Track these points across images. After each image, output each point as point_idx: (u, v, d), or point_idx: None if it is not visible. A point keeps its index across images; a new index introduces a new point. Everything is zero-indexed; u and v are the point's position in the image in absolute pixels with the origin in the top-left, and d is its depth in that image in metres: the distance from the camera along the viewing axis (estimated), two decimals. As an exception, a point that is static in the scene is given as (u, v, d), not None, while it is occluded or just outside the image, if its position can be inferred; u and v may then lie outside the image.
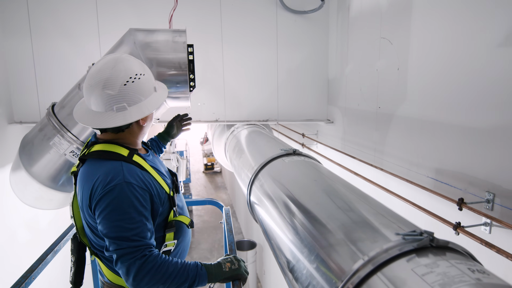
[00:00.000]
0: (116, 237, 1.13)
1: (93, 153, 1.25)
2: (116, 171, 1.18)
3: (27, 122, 2.56)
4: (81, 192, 1.24)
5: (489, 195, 1.35)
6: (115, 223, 1.13)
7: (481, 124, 1.38)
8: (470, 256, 0.78)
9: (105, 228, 1.14)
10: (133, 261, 1.11)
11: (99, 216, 1.16)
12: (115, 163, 1.22)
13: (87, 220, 1.27)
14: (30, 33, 2.50)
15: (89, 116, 1.23)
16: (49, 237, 2.98)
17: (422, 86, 1.72)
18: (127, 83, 1.21)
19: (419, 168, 1.77)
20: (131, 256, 1.12)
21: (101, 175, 1.18)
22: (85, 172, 1.24)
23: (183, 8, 2.46)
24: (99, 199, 1.15)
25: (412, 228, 0.87)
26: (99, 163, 1.23)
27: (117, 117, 1.21)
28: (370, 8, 2.18)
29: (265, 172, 1.69)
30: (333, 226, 1.02)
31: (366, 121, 2.30)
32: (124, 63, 1.23)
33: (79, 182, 1.26)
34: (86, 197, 1.20)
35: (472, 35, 1.39)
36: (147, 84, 1.28)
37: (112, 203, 1.14)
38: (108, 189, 1.15)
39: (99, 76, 1.20)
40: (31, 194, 1.83)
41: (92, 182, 1.18)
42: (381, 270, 0.76)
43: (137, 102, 1.24)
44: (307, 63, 2.88)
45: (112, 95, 1.19)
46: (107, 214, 1.14)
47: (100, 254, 1.33)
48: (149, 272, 1.12)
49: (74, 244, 1.39)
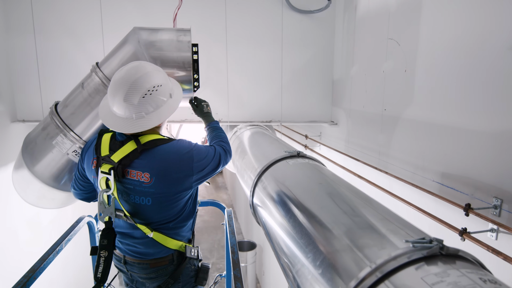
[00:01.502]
0: (216, 157, 1.58)
1: (150, 143, 1.45)
2: (186, 142, 1.53)
3: (30, 120, 2.55)
4: (163, 170, 1.44)
5: (497, 201, 1.32)
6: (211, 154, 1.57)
7: (489, 128, 1.36)
8: (480, 265, 0.76)
9: (210, 162, 1.55)
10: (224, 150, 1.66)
11: (204, 161, 1.52)
12: (174, 142, 1.50)
13: (164, 194, 1.47)
14: (34, 32, 2.49)
15: (113, 119, 1.43)
16: (50, 236, 2.98)
17: (429, 88, 1.70)
18: (145, 95, 1.39)
19: (424, 172, 1.75)
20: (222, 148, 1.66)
21: (181, 148, 1.48)
22: (160, 155, 1.45)
23: (187, 7, 2.45)
24: (198, 159, 1.50)
25: (421, 235, 0.85)
26: (166, 146, 1.46)
27: (136, 124, 1.41)
28: (377, 8, 2.15)
29: (268, 174, 1.68)
30: (338, 231, 1.00)
31: (371, 123, 2.28)
32: (145, 76, 1.40)
33: (153, 165, 1.44)
34: (179, 169, 1.46)
35: (483, 36, 1.37)
36: (163, 93, 1.46)
37: (202, 151, 1.54)
38: (193, 152, 1.51)
39: (122, 86, 1.38)
40: (34, 193, 1.81)
41: (180, 156, 1.46)
42: (389, 279, 0.74)
43: (154, 110, 1.43)
44: (312, 64, 2.86)
45: (132, 105, 1.39)
46: (206, 155, 1.54)
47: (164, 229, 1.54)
48: (226, 139, 1.75)
49: (109, 239, 1.51)
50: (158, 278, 1.62)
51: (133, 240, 1.58)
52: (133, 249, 1.59)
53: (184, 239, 1.64)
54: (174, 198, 1.51)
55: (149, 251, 1.58)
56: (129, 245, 1.59)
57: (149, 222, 1.53)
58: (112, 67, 1.67)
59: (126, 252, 1.61)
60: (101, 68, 1.68)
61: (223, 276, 2.09)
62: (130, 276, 1.67)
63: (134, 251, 1.59)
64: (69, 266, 3.38)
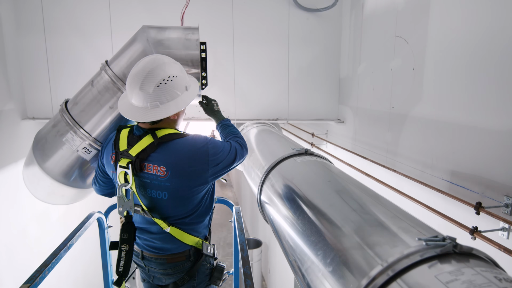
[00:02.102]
0: (233, 151, 1.55)
1: (167, 136, 1.47)
2: (200, 137, 1.52)
3: (40, 118, 2.58)
4: (178, 164, 1.45)
5: (508, 199, 1.31)
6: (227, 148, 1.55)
7: (500, 125, 1.35)
8: (494, 263, 0.76)
9: (227, 156, 1.53)
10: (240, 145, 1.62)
11: (220, 155, 1.50)
12: (189, 137, 1.50)
13: (180, 189, 1.48)
14: (44, 31, 2.51)
15: (130, 109, 1.46)
16: (58, 232, 3.01)
17: (438, 86, 1.68)
18: (160, 84, 1.40)
19: (433, 170, 1.74)
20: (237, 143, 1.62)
21: (197, 143, 1.47)
22: (175, 149, 1.46)
23: (195, 5, 2.45)
24: (213, 153, 1.48)
25: (432, 233, 0.85)
26: (181, 140, 1.48)
27: (151, 113, 1.43)
28: (385, 6, 2.14)
29: (276, 172, 1.68)
30: (348, 228, 1.00)
31: (378, 121, 2.26)
32: (160, 67, 1.42)
33: (169, 159, 1.45)
34: (194, 163, 1.46)
35: (492, 33, 1.36)
36: (178, 85, 1.46)
37: (218, 146, 1.51)
38: (208, 143, 1.49)
39: (138, 76, 1.40)
40: (44, 189, 1.83)
41: (194, 150, 1.46)
42: (401, 277, 0.73)
43: (168, 101, 1.44)
44: (318, 62, 2.85)
45: (148, 94, 1.40)
46: (222, 150, 1.51)
47: (181, 225, 1.55)
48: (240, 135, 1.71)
49: (129, 233, 1.53)
50: (175, 275, 1.63)
51: (150, 235, 1.59)
52: (150, 244, 1.60)
53: (200, 235, 1.64)
54: (190, 193, 1.52)
55: (166, 246, 1.59)
56: (147, 240, 1.60)
57: (166, 217, 1.53)
58: (121, 65, 1.67)
59: (144, 247, 1.62)
60: (110, 66, 1.69)
61: (230, 273, 2.10)
62: (147, 272, 1.68)
63: (151, 246, 1.60)
64: (78, 262, 3.42)
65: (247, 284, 1.31)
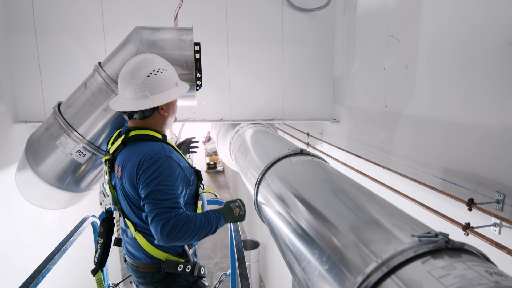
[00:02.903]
0: (155, 198, 1.31)
1: (134, 137, 1.46)
2: (159, 148, 1.41)
3: (32, 121, 2.56)
4: (126, 169, 1.41)
5: (499, 195, 1.33)
6: (156, 187, 1.32)
7: (491, 123, 1.37)
8: (485, 258, 0.77)
9: (146, 191, 1.33)
10: (167, 220, 1.28)
11: (143, 181, 1.34)
12: (156, 143, 1.44)
13: (131, 195, 1.43)
14: (35, 32, 2.49)
15: (119, 102, 1.47)
16: (53, 237, 2.99)
17: (431, 84, 1.70)
18: (150, 75, 1.43)
19: (427, 168, 1.75)
20: (166, 216, 1.29)
21: (147, 150, 1.39)
22: (130, 151, 1.43)
23: (188, 6, 2.45)
24: (145, 168, 1.34)
25: (426, 230, 0.86)
26: (142, 143, 1.44)
27: (139, 103, 1.42)
28: (377, 6, 2.16)
29: (272, 172, 1.68)
30: (344, 227, 1.01)
31: (372, 120, 2.28)
32: (150, 60, 1.47)
33: (123, 161, 1.44)
34: (132, 171, 1.38)
35: (482, 32, 1.38)
36: (168, 78, 1.48)
37: (156, 171, 1.34)
38: (154, 160, 1.36)
39: (128, 68, 1.44)
40: (37, 194, 1.82)
41: (139, 157, 1.38)
42: (396, 273, 0.74)
43: (158, 92, 1.44)
44: (312, 62, 2.86)
45: (137, 84, 1.42)
46: (151, 180, 1.33)
47: (142, 230, 1.49)
48: (181, 228, 1.30)
49: (104, 227, 1.57)
50: (147, 285, 1.57)
51: (126, 238, 1.59)
52: (127, 248, 1.61)
53: (170, 251, 1.52)
54: (138, 199, 1.42)
55: (136, 254, 1.55)
56: (125, 243, 1.61)
57: (133, 221, 1.50)
58: (115, 67, 1.67)
59: (124, 250, 1.64)
60: (103, 67, 1.69)
61: (227, 274, 2.10)
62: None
63: (127, 250, 1.61)
64: (73, 266, 3.39)
65: (243, 284, 1.31)
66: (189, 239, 1.34)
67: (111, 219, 1.58)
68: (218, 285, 1.99)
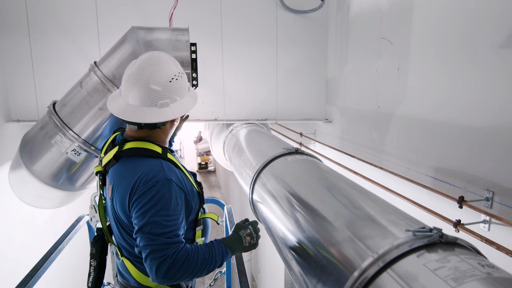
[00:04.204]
0: (150, 232, 1.11)
1: (128, 151, 1.24)
2: (157, 168, 1.19)
3: (25, 120, 2.53)
4: (117, 189, 1.22)
5: (489, 193, 1.38)
6: (152, 218, 1.12)
7: (481, 123, 1.41)
8: (476, 251, 0.80)
9: (140, 222, 1.13)
10: (164, 259, 1.10)
11: (137, 210, 1.15)
12: (155, 161, 1.22)
13: (121, 219, 1.25)
14: (28, 30, 2.47)
15: (130, 111, 1.22)
16: (46, 237, 2.95)
17: (422, 86, 1.75)
18: (172, 80, 1.23)
19: (418, 167, 1.80)
20: (163, 254, 1.11)
21: (143, 171, 1.18)
22: (123, 169, 1.23)
23: (183, 6, 2.46)
24: (140, 194, 1.14)
25: (420, 225, 0.89)
26: (137, 160, 1.22)
27: (161, 113, 1.21)
28: (370, 8, 2.20)
29: (267, 171, 1.70)
30: (339, 223, 1.04)
31: (365, 121, 2.32)
32: (167, 62, 1.26)
33: (114, 180, 1.24)
34: (124, 194, 1.19)
35: (473, 35, 1.42)
36: (185, 83, 1.30)
37: (152, 199, 1.14)
38: (150, 185, 1.15)
39: (145, 71, 1.21)
40: (31, 193, 1.81)
41: (133, 179, 1.17)
42: (391, 267, 0.77)
43: (177, 100, 1.26)
44: (306, 63, 2.90)
45: (158, 91, 1.20)
46: (146, 209, 1.13)
47: (130, 256, 1.32)
48: (180, 267, 1.13)
49: (96, 248, 1.38)
50: None
51: (117, 257, 1.42)
52: (118, 266, 1.46)
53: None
54: (130, 225, 1.25)
55: (125, 275, 1.41)
56: (118, 262, 1.46)
57: (120, 245, 1.35)
58: (111, 66, 1.67)
59: (115, 267, 1.49)
60: (99, 67, 1.69)
61: (222, 272, 2.11)
62: None
63: (118, 269, 1.46)
64: (65, 267, 3.35)
65: (242, 281, 1.33)
66: (189, 278, 1.16)
67: (104, 238, 1.40)
68: (213, 283, 2.00)
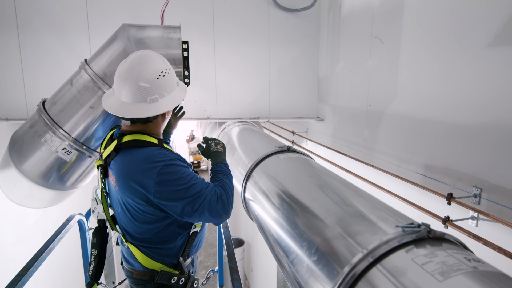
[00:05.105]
0: (194, 193, 1.28)
1: (127, 143, 1.35)
2: (161, 152, 1.32)
3: (14, 119, 2.49)
4: (123, 179, 1.31)
5: (476, 190, 1.40)
6: (187, 185, 1.28)
7: (469, 121, 1.44)
8: (463, 246, 0.82)
9: (180, 196, 1.27)
10: (218, 198, 1.32)
11: (168, 193, 1.27)
12: (153, 149, 1.34)
13: (131, 207, 1.35)
14: (17, 27, 2.43)
15: (124, 108, 1.32)
16: (35, 237, 2.92)
17: (412, 84, 1.77)
18: (159, 77, 1.32)
19: (408, 164, 1.82)
20: (215, 197, 1.31)
21: (147, 154, 1.30)
22: (126, 159, 1.33)
23: (175, 4, 2.44)
24: (160, 182, 1.26)
25: (409, 221, 0.91)
26: (138, 151, 1.33)
27: (150, 108, 1.31)
28: (361, 7, 2.22)
29: (259, 169, 1.71)
30: (331, 220, 1.05)
31: (356, 119, 2.34)
32: (155, 60, 1.35)
33: (118, 169, 1.34)
34: (135, 186, 1.28)
35: (463, 34, 1.45)
36: (173, 78, 1.40)
37: (173, 177, 1.27)
38: (164, 166, 1.27)
39: (133, 70, 1.30)
40: (21, 192, 1.78)
41: (141, 172, 1.28)
42: (381, 262, 0.78)
43: (166, 95, 1.36)
44: (298, 61, 2.91)
45: (147, 87, 1.30)
46: (175, 188, 1.27)
47: (135, 241, 1.43)
48: (228, 194, 1.37)
49: (97, 238, 1.48)
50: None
51: (121, 245, 1.53)
52: (123, 253, 1.55)
53: (165, 262, 1.48)
54: (139, 212, 1.36)
55: (130, 261, 1.51)
56: (123, 248, 1.55)
57: (124, 232, 1.45)
58: (102, 64, 1.66)
59: (121, 254, 1.58)
60: (90, 65, 1.67)
61: (215, 271, 2.11)
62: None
63: (123, 255, 1.56)
64: (56, 266, 3.32)
65: (234, 278, 1.33)
66: (232, 195, 1.41)
67: (105, 228, 1.48)
68: (206, 282, 2.00)
